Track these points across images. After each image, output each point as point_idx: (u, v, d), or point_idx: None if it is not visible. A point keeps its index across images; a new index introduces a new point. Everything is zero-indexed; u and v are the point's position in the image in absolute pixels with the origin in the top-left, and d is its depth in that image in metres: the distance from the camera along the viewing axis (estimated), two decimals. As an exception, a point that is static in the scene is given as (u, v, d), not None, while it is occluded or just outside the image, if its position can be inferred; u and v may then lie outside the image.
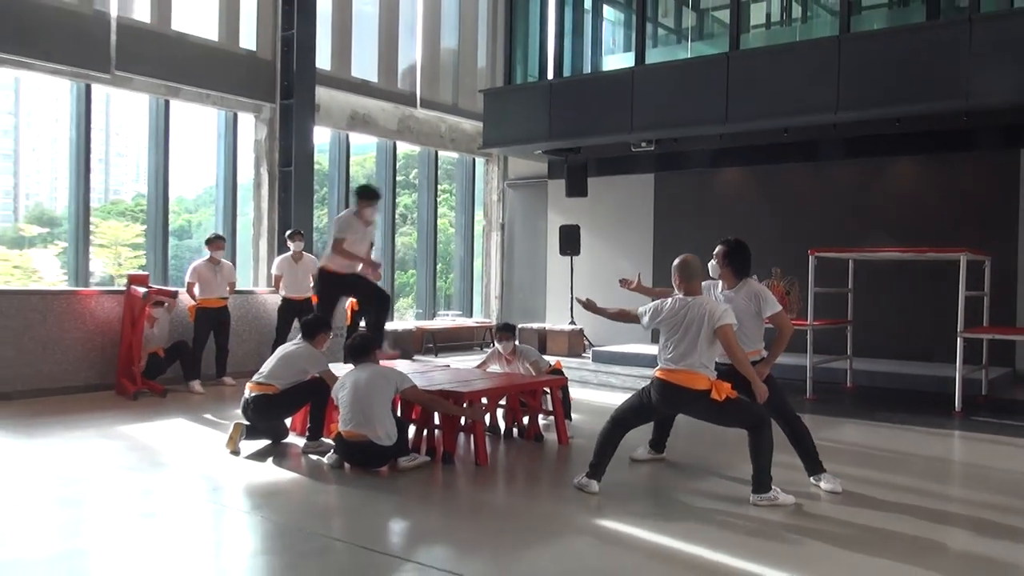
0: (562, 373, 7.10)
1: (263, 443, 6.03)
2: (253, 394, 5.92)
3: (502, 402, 6.61)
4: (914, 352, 10.82)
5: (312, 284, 9.90)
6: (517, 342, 7.20)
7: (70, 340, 8.35)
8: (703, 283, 5.20)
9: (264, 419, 5.95)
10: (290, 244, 9.89)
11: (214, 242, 9.15)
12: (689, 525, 4.39)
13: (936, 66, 9.87)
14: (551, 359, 7.46)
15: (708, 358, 4.80)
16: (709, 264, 5.29)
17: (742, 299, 5.15)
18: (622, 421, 5.08)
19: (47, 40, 9.83)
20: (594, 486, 4.95)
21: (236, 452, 5.79)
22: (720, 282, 5.33)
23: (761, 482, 4.74)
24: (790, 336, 5.28)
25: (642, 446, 5.83)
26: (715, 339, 4.76)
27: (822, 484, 5.03)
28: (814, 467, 5.11)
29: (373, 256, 10.78)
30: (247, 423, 5.92)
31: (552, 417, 6.56)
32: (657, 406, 4.96)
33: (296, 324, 8.30)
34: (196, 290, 9.02)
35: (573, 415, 7.17)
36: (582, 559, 3.91)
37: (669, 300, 4.96)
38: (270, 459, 5.71)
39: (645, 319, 4.98)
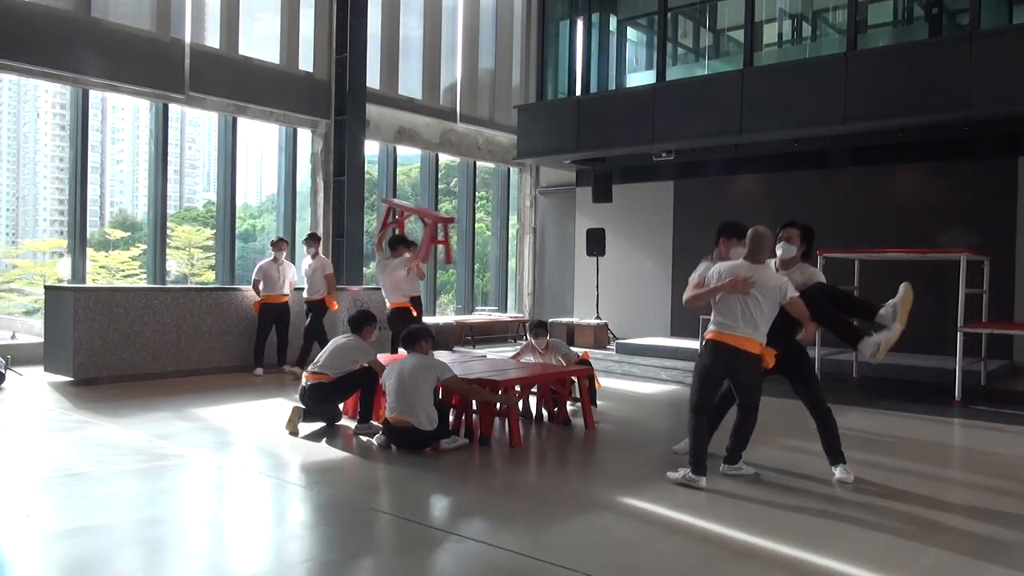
0: (589, 364, 7.08)
1: (318, 425, 6.10)
2: (309, 382, 5.99)
3: (534, 390, 6.61)
4: (917, 346, 10.59)
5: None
6: (549, 337, 7.20)
7: (148, 332, 8.51)
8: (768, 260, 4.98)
9: (319, 404, 6.02)
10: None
11: (277, 244, 9.22)
12: (704, 503, 4.36)
13: (938, 80, 9.67)
14: (578, 351, 7.43)
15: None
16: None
17: (796, 276, 4.95)
18: (699, 406, 4.76)
19: (131, 64, 10.05)
20: (702, 482, 4.62)
21: (295, 433, 5.87)
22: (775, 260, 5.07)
23: (735, 455, 4.87)
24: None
25: (685, 440, 5.42)
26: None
27: (836, 472, 4.86)
28: (834, 457, 4.89)
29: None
30: (304, 407, 5.99)
31: (580, 403, 6.55)
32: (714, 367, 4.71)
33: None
34: (261, 287, 9.13)
35: (599, 402, 7.15)
36: (606, 532, 3.90)
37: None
38: (325, 440, 5.76)
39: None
